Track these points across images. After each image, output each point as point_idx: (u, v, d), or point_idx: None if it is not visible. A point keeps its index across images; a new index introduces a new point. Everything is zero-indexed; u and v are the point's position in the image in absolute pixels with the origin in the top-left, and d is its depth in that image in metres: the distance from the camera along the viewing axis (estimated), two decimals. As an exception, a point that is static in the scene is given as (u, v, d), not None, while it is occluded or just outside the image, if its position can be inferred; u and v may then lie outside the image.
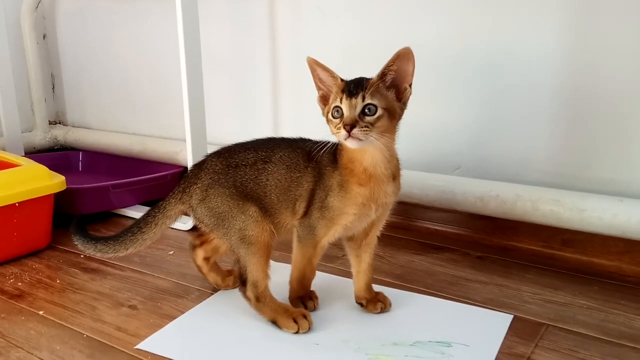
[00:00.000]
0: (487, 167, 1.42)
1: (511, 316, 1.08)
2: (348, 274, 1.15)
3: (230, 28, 1.77)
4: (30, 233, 1.40)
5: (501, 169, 1.41)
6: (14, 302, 1.17)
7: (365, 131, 0.91)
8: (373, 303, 1.10)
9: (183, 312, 1.11)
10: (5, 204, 1.32)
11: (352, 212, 0.99)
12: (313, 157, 1.03)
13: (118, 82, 2.13)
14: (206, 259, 1.18)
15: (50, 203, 1.43)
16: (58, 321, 1.09)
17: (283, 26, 1.66)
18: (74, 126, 2.30)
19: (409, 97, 0.98)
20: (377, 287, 1.14)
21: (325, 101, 1.01)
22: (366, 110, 0.93)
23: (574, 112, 1.30)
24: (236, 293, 1.11)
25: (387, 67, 0.95)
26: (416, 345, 0.98)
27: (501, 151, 1.40)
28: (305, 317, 1.03)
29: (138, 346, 1.00)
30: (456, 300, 1.15)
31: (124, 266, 1.33)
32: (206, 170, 1.09)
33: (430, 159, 1.49)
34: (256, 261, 1.04)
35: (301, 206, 1.04)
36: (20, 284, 1.26)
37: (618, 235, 1.21)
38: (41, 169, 1.43)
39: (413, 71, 0.96)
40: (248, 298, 1.06)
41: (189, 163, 1.52)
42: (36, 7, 2.12)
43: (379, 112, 0.93)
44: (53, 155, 2.15)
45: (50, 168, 1.46)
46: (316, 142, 1.06)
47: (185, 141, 1.53)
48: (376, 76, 0.95)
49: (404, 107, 0.98)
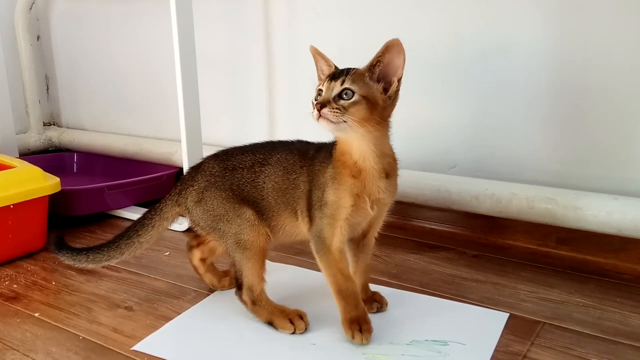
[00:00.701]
0: (483, 166, 1.43)
1: (507, 314, 1.08)
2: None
3: (225, 29, 1.77)
4: (25, 235, 1.39)
5: (496, 168, 1.41)
6: (9, 305, 1.17)
7: (335, 113, 0.90)
8: (369, 303, 1.10)
9: (179, 313, 1.11)
10: (0, 206, 1.32)
11: (349, 204, 0.97)
12: (308, 158, 1.03)
13: (113, 83, 2.12)
14: (203, 260, 1.18)
15: (45, 205, 1.43)
16: (54, 323, 1.09)
17: (278, 27, 1.66)
18: (69, 127, 2.29)
19: (397, 92, 0.95)
20: (373, 287, 1.14)
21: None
22: (344, 94, 0.92)
23: (569, 111, 1.30)
24: (232, 294, 1.11)
25: (376, 58, 0.94)
26: (412, 344, 0.98)
27: (496, 150, 1.41)
28: (301, 318, 1.03)
29: (134, 347, 0.99)
30: (452, 299, 1.15)
31: (120, 267, 1.33)
32: (203, 172, 1.09)
33: (425, 158, 1.49)
34: (251, 266, 1.03)
35: (302, 210, 1.03)
36: (15, 286, 1.25)
37: (613, 232, 1.21)
38: (36, 171, 1.42)
39: (403, 65, 0.94)
40: (244, 302, 1.06)
41: (185, 164, 1.52)
42: (30, 9, 2.11)
43: (355, 98, 0.91)
44: (48, 156, 2.15)
45: (44, 169, 1.45)
46: (313, 144, 1.05)
47: (180, 142, 1.53)
48: (364, 67, 0.95)
49: (391, 102, 0.96)
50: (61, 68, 2.26)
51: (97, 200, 1.66)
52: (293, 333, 1.02)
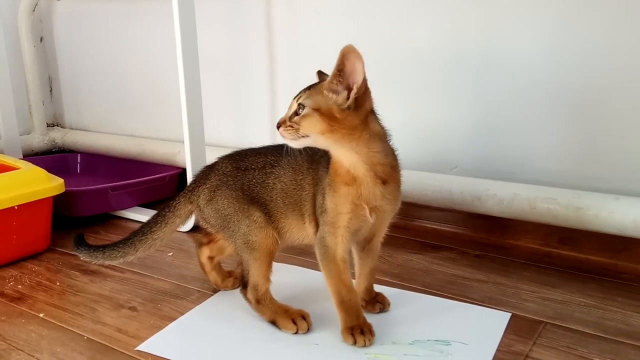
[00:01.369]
0: (484, 166, 1.43)
1: (509, 314, 1.09)
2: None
3: (227, 29, 1.78)
4: (29, 236, 1.40)
5: (498, 168, 1.41)
6: (15, 305, 1.18)
7: (289, 130, 0.93)
8: (372, 304, 1.10)
9: (183, 313, 1.12)
10: (4, 207, 1.32)
11: (346, 211, 0.96)
12: (315, 161, 1.03)
13: (116, 84, 2.13)
14: (210, 258, 1.19)
15: (49, 206, 1.44)
16: (58, 323, 1.10)
17: (279, 27, 1.67)
18: (72, 128, 2.30)
19: (356, 96, 0.90)
20: (376, 287, 1.14)
21: None
22: (299, 110, 0.93)
23: (570, 110, 1.30)
24: (235, 294, 1.12)
25: (337, 67, 0.91)
26: (415, 344, 0.98)
27: (498, 150, 1.41)
28: (304, 318, 1.04)
29: (138, 347, 1.00)
30: (454, 299, 1.16)
31: (124, 268, 1.34)
32: (216, 171, 1.10)
33: (427, 159, 1.50)
34: (258, 266, 1.04)
35: (309, 214, 1.03)
36: (20, 287, 1.26)
37: (615, 232, 1.21)
38: (40, 172, 1.43)
39: (362, 69, 0.89)
40: (249, 300, 1.07)
41: (187, 164, 1.53)
42: (33, 10, 2.12)
43: (306, 111, 0.92)
44: (51, 157, 2.15)
45: (48, 170, 1.46)
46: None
47: (183, 142, 1.54)
48: (327, 79, 0.93)
49: (354, 110, 0.91)
50: (64, 69, 2.27)
51: (101, 201, 1.67)
52: (295, 333, 1.02)
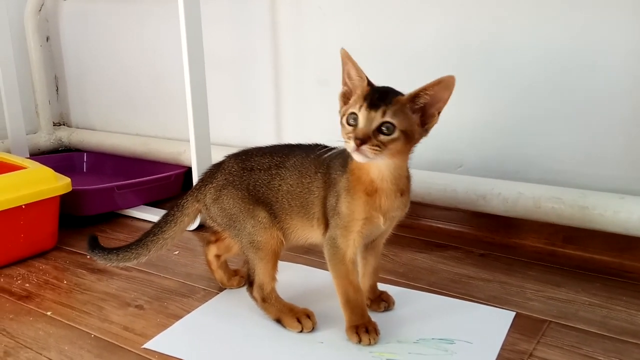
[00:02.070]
0: (489, 165, 1.43)
1: (514, 313, 1.09)
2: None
3: (232, 28, 1.78)
4: (36, 234, 1.41)
5: (503, 167, 1.41)
6: (22, 303, 1.19)
7: (375, 150, 0.87)
8: (377, 302, 1.11)
9: (189, 312, 1.13)
10: (12, 206, 1.33)
11: (361, 217, 0.96)
12: (324, 164, 1.02)
13: (121, 83, 2.14)
14: (217, 256, 1.20)
15: (56, 205, 1.45)
16: (66, 322, 1.11)
17: (284, 26, 1.67)
18: (78, 127, 2.31)
19: (434, 125, 0.92)
20: (381, 286, 1.15)
21: (346, 99, 0.95)
22: (383, 128, 0.88)
23: (574, 109, 1.30)
24: (241, 292, 1.12)
25: (423, 90, 0.89)
26: (419, 342, 0.99)
27: (502, 149, 1.41)
28: (309, 317, 1.04)
29: (145, 345, 1.01)
30: (459, 297, 1.16)
31: (130, 267, 1.34)
32: (222, 171, 1.10)
33: (432, 158, 1.50)
34: (263, 266, 1.05)
35: (318, 216, 1.02)
36: (27, 285, 1.27)
37: (620, 232, 1.21)
38: (47, 172, 1.44)
39: (448, 99, 0.89)
40: (255, 298, 1.08)
41: (193, 163, 1.54)
42: (39, 10, 2.13)
43: (395, 134, 0.88)
44: (58, 156, 2.16)
45: (55, 169, 1.47)
46: (331, 149, 1.03)
47: (189, 141, 1.54)
48: (407, 95, 0.90)
49: (425, 134, 0.93)
50: (70, 68, 2.28)
51: (107, 199, 1.68)
52: (300, 332, 1.03)
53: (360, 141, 0.86)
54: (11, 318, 1.13)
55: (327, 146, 1.06)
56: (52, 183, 1.42)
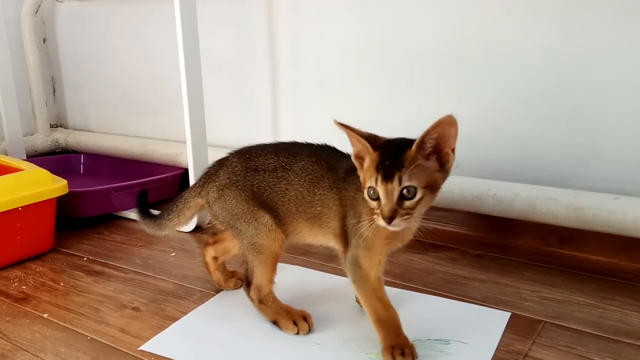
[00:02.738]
0: (485, 166, 1.44)
1: (509, 314, 1.09)
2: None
3: (229, 30, 1.78)
4: (33, 236, 1.41)
5: (498, 168, 1.42)
6: (19, 306, 1.19)
7: (406, 219, 0.86)
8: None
9: (185, 314, 1.13)
10: (8, 209, 1.33)
11: (385, 243, 0.96)
12: (339, 178, 0.99)
13: (118, 85, 2.14)
14: (215, 258, 1.20)
15: (52, 207, 1.45)
16: (62, 324, 1.11)
17: (281, 28, 1.68)
18: (75, 129, 2.31)
19: (453, 163, 0.90)
20: (377, 287, 1.15)
21: (360, 159, 0.93)
22: (404, 192, 0.86)
23: (570, 110, 1.31)
24: (238, 294, 1.13)
25: (427, 135, 0.86)
26: (415, 343, 0.99)
27: (498, 150, 1.42)
28: (305, 320, 1.04)
29: (142, 347, 1.01)
30: (455, 298, 1.16)
31: (127, 268, 1.35)
32: (225, 169, 1.08)
33: (428, 159, 1.50)
34: (263, 269, 1.05)
35: (336, 232, 1.00)
36: (24, 287, 1.27)
37: (614, 232, 1.22)
38: (43, 173, 1.44)
39: (456, 135, 0.87)
40: (252, 299, 1.08)
41: (190, 165, 1.54)
42: (36, 12, 2.13)
43: (419, 195, 0.86)
44: (54, 158, 2.16)
45: (51, 171, 1.47)
46: (342, 155, 1.02)
47: (185, 143, 1.55)
48: (414, 147, 0.86)
49: (447, 175, 0.91)
50: (67, 70, 2.28)
51: (104, 201, 1.68)
52: (296, 334, 1.03)
53: (389, 219, 0.86)
54: (7, 320, 1.13)
55: (335, 149, 1.05)
56: (49, 185, 1.42)
